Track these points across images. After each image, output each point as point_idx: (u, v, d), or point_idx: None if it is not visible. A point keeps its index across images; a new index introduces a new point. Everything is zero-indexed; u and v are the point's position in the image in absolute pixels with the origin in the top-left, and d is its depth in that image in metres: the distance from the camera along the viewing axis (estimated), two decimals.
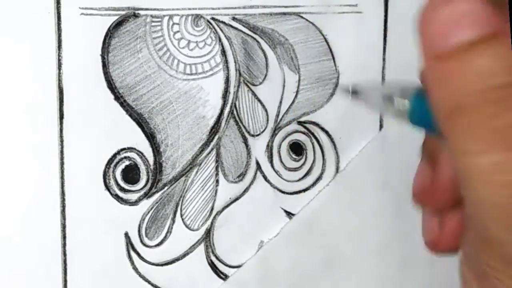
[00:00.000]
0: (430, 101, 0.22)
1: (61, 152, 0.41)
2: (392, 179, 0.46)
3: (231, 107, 0.44)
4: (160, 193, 0.43)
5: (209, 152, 0.44)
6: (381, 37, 0.47)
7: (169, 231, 0.44)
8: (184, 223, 0.44)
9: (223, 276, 0.45)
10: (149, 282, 0.43)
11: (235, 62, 0.44)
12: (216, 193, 0.44)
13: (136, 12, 0.41)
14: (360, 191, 0.46)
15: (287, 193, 0.46)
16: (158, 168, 0.43)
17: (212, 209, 0.44)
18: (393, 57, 0.47)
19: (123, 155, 0.42)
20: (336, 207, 0.46)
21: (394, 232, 0.47)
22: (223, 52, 0.43)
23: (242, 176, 0.45)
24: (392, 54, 0.47)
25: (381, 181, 0.46)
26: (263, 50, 0.44)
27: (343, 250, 0.47)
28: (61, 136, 0.41)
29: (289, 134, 0.46)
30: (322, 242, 0.46)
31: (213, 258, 0.45)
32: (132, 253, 0.43)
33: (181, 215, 0.44)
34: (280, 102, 0.45)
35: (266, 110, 0.45)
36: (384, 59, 0.47)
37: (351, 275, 0.47)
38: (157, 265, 0.44)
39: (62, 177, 0.41)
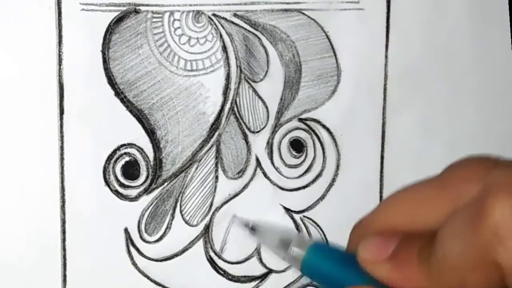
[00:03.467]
0: None
1: (61, 147, 0.41)
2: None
3: (231, 103, 0.44)
4: (159, 189, 0.43)
5: (209, 149, 0.44)
6: (383, 34, 0.46)
7: (168, 227, 0.44)
8: (184, 219, 0.44)
9: (222, 272, 0.45)
10: (148, 277, 0.44)
11: (236, 58, 0.44)
12: (215, 189, 0.44)
13: (137, 8, 0.41)
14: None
15: (287, 190, 0.46)
16: (158, 164, 0.43)
17: (211, 205, 0.44)
18: (396, 54, 0.47)
19: (123, 151, 0.42)
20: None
21: None
22: (224, 48, 0.43)
23: (241, 172, 0.45)
24: (394, 51, 0.46)
25: None
26: (264, 47, 0.44)
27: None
28: (61, 132, 0.41)
29: (289, 131, 0.46)
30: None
31: (212, 254, 0.45)
32: (132, 249, 0.43)
33: (181, 211, 0.44)
34: (281, 99, 0.45)
35: (266, 107, 0.45)
36: (386, 56, 0.46)
37: None
38: (156, 260, 0.44)
39: (62, 173, 0.41)
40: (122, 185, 0.43)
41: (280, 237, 0.27)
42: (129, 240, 0.43)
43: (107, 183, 0.42)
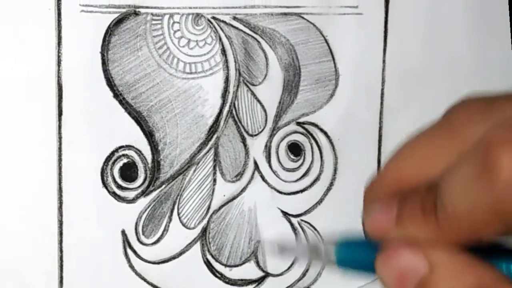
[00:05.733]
0: None
1: (59, 149, 0.41)
2: None
3: (230, 106, 0.44)
4: (157, 191, 0.43)
5: (207, 151, 0.44)
6: (382, 39, 0.46)
7: (165, 229, 0.44)
8: (181, 222, 0.44)
9: (219, 275, 0.45)
10: (145, 280, 0.43)
11: (235, 61, 0.44)
12: (213, 192, 0.44)
13: (137, 10, 0.41)
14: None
15: (285, 194, 0.46)
16: (156, 166, 0.43)
17: (208, 208, 0.44)
18: (393, 58, 0.47)
19: (121, 152, 0.42)
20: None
21: None
22: (223, 51, 0.43)
23: (239, 175, 0.45)
24: (392, 55, 0.47)
25: None
26: (263, 50, 0.44)
27: None
28: (59, 133, 0.41)
29: (287, 135, 0.46)
30: None
31: (209, 257, 0.45)
32: (129, 251, 0.43)
33: (178, 214, 0.44)
34: (280, 103, 0.45)
35: (265, 110, 0.45)
36: (384, 61, 0.47)
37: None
38: (154, 263, 0.44)
39: (59, 174, 0.41)
40: (119, 187, 0.42)
41: (308, 248, 0.27)
42: (126, 242, 0.43)
43: (105, 184, 0.42)
